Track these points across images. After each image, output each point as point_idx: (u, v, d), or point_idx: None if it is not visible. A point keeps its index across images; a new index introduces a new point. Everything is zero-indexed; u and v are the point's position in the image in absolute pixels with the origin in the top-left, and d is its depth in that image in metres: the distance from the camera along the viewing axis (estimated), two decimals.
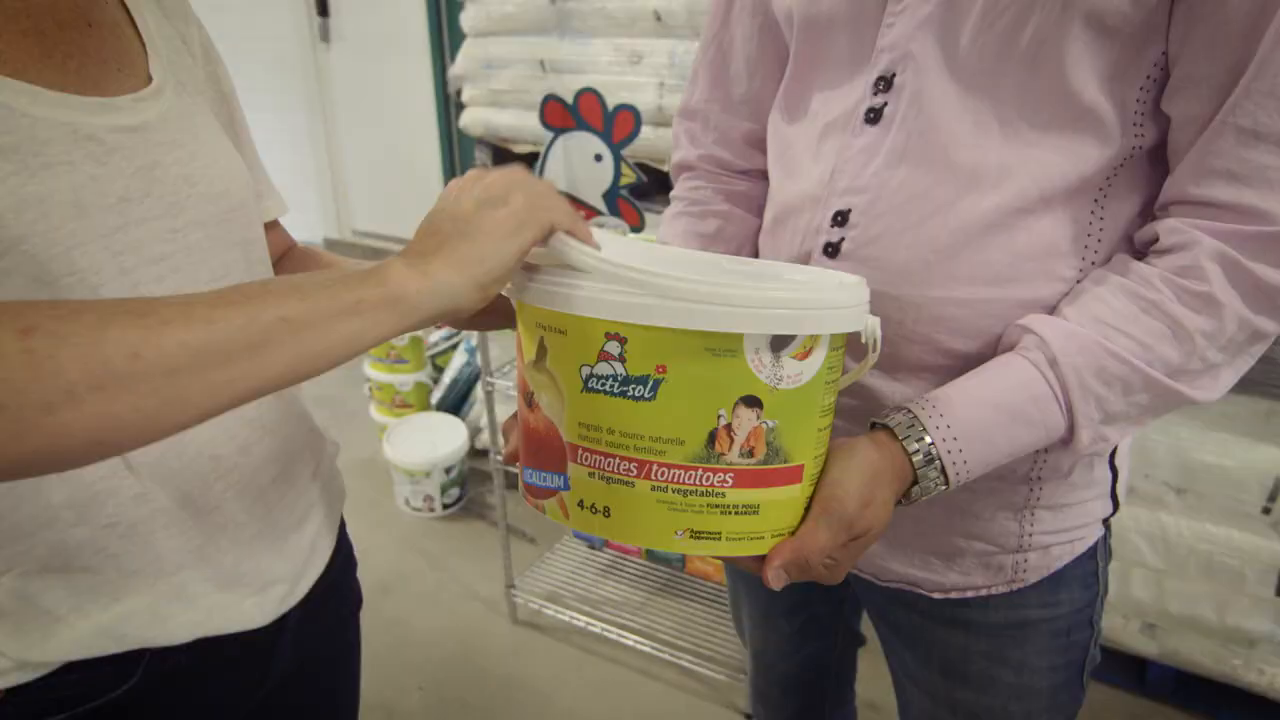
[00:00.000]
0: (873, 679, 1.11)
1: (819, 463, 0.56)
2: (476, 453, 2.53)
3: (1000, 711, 0.73)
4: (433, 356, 2.65)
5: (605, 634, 1.85)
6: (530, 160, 2.30)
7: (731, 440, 0.51)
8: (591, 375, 0.51)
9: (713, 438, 0.51)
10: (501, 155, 2.32)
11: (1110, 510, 0.72)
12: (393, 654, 1.86)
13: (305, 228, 4.40)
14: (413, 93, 3.75)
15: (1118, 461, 0.72)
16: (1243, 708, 1.66)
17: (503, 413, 2.23)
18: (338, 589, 0.80)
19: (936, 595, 0.72)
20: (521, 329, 0.56)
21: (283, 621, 0.69)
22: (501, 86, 2.14)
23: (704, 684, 1.77)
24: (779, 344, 0.50)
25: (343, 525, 0.83)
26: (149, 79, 0.60)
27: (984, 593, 0.71)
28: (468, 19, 2.14)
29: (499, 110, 2.20)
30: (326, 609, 0.77)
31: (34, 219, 0.50)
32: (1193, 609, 1.60)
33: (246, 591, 0.65)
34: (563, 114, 1.85)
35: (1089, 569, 0.72)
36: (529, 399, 0.56)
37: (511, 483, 2.35)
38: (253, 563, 0.65)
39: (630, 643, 1.82)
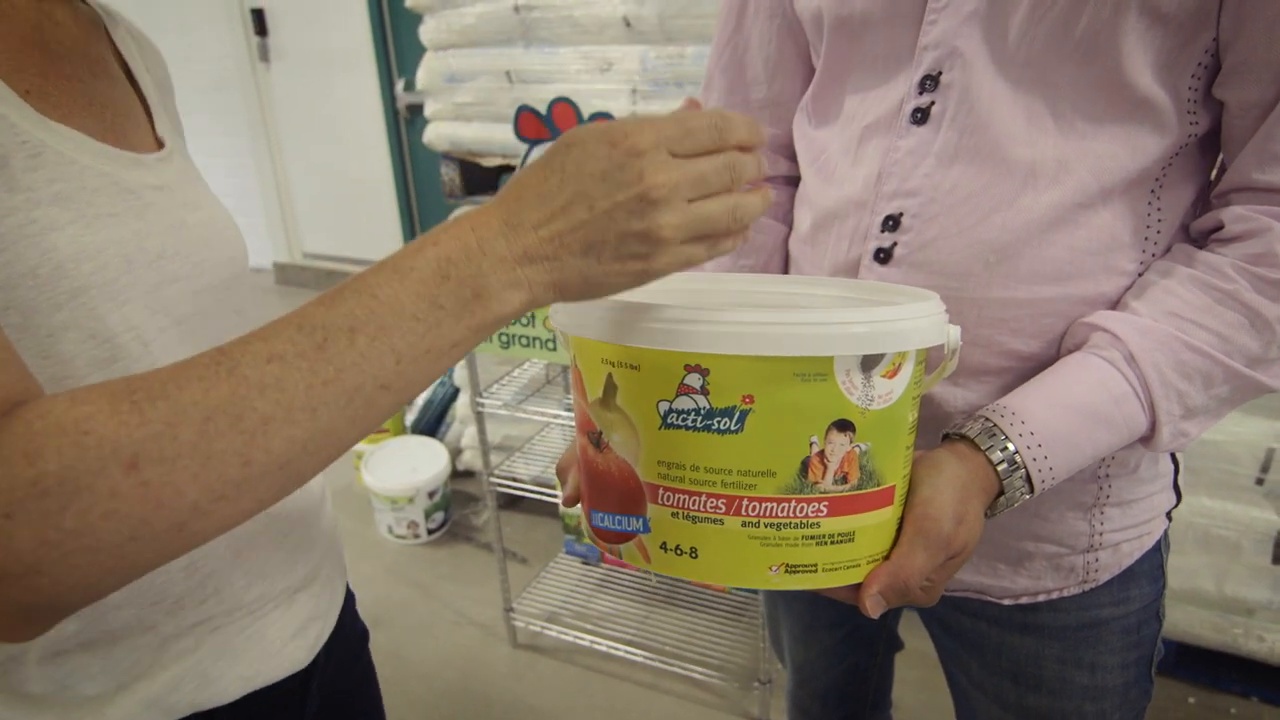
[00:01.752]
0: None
1: (906, 481, 0.54)
2: (458, 474, 2.47)
3: (1075, 714, 0.72)
4: None
5: (610, 651, 1.81)
6: (501, 173, 2.26)
7: (825, 468, 0.48)
8: (671, 410, 0.48)
9: (805, 467, 0.48)
10: (469, 169, 2.27)
11: (1174, 502, 0.72)
12: (392, 690, 1.79)
13: (254, 253, 4.25)
14: (360, 110, 3.67)
15: (1177, 452, 0.71)
16: (1244, 676, 1.69)
17: (492, 432, 2.18)
18: (345, 623, 0.78)
19: (1006, 601, 0.71)
20: (582, 365, 0.53)
21: (315, 661, 0.67)
22: (466, 99, 2.09)
23: (714, 694, 1.75)
24: (869, 364, 0.47)
25: None
26: (157, 140, 0.58)
27: (1055, 595, 0.70)
28: (427, 32, 2.09)
29: (464, 124, 2.15)
30: (343, 643, 0.75)
31: (92, 270, 0.47)
32: (1191, 582, 1.62)
33: (288, 635, 0.63)
34: (537, 125, 1.81)
35: (1155, 562, 0.71)
36: (596, 439, 0.53)
37: (504, 504, 2.30)
38: (290, 605, 0.64)
39: (636, 658, 1.78)
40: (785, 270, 0.80)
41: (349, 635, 0.80)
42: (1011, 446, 0.55)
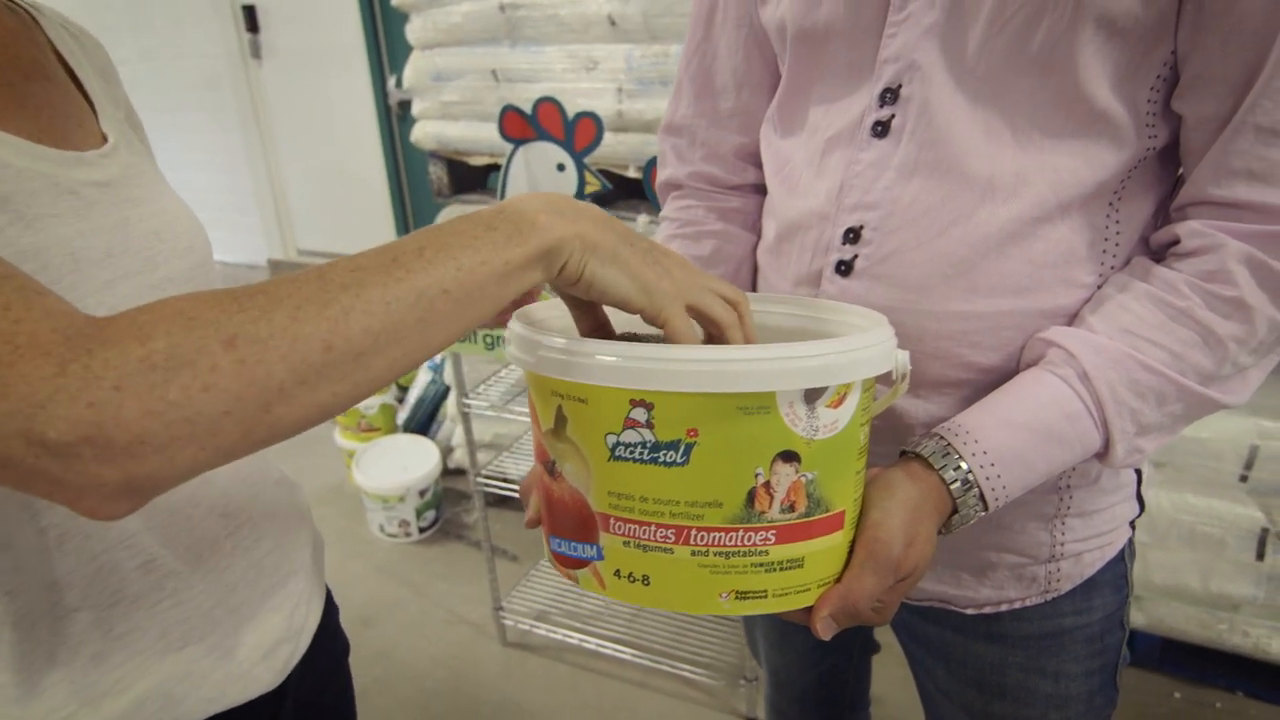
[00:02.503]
0: (875, 671, 1.10)
1: (858, 505, 0.54)
2: (449, 472, 2.48)
3: None
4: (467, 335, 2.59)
5: (599, 649, 1.82)
6: (488, 171, 2.25)
7: (771, 498, 0.49)
8: (619, 444, 0.48)
9: (752, 497, 0.48)
10: (456, 168, 2.26)
11: (1137, 511, 0.72)
12: (383, 689, 1.82)
13: (249, 250, 4.27)
14: (352, 106, 3.65)
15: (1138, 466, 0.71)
16: (1229, 670, 1.70)
17: (479, 432, 2.19)
18: (326, 637, 0.78)
19: (970, 611, 0.71)
20: (535, 396, 0.53)
21: (287, 680, 0.67)
22: (453, 98, 2.08)
23: (703, 691, 1.76)
24: (812, 396, 0.48)
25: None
26: (102, 136, 0.58)
27: (1018, 605, 0.70)
28: (413, 31, 2.08)
29: (451, 123, 2.14)
30: (320, 659, 0.75)
31: (34, 270, 0.47)
32: (1177, 578, 1.63)
33: (256, 656, 0.63)
34: (522, 124, 1.81)
35: (1119, 571, 0.72)
36: (550, 468, 0.53)
37: (492, 502, 2.31)
38: (258, 624, 0.64)
39: (625, 656, 1.80)
40: (754, 279, 0.80)
41: (330, 649, 0.80)
42: (965, 465, 0.56)
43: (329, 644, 0.79)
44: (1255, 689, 1.68)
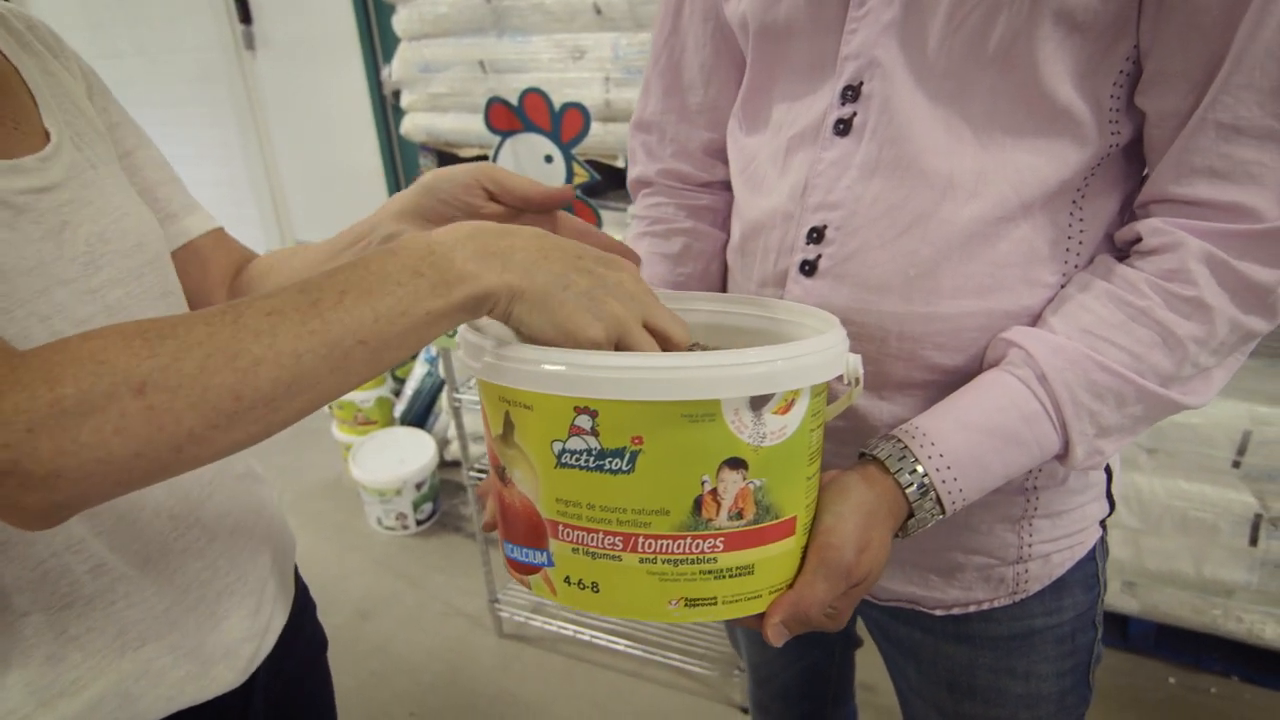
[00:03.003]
0: (864, 659, 1.09)
1: (811, 510, 0.54)
2: (446, 464, 2.49)
3: None
4: (392, 370, 2.59)
5: (594, 641, 1.83)
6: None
7: (718, 505, 0.48)
8: (564, 451, 0.48)
9: (698, 504, 0.48)
10: (446, 160, 2.25)
11: (1107, 511, 0.72)
12: (380, 682, 1.83)
13: (247, 242, 4.24)
14: (347, 97, 3.64)
15: (1111, 462, 0.71)
16: (1224, 655, 1.70)
17: (470, 424, 2.19)
18: (300, 635, 0.79)
19: (939, 612, 0.71)
20: (485, 402, 0.53)
21: (253, 678, 0.67)
22: (441, 90, 2.07)
23: (698, 681, 1.77)
24: (759, 403, 0.47)
25: (295, 568, 0.82)
26: (45, 134, 0.57)
27: (986, 606, 0.70)
28: (400, 22, 2.07)
29: (440, 114, 2.13)
30: (292, 657, 0.76)
31: None
32: (1170, 564, 1.62)
33: (216, 655, 0.63)
34: (508, 116, 1.79)
35: (1089, 571, 0.71)
36: (501, 473, 0.53)
37: None
38: (218, 623, 0.64)
39: (619, 647, 1.80)
40: (724, 278, 0.79)
41: (306, 645, 0.80)
42: (921, 469, 0.55)
43: (303, 640, 0.79)
44: (1250, 673, 1.68)
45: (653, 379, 0.45)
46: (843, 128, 0.61)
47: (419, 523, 2.31)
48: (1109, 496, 0.71)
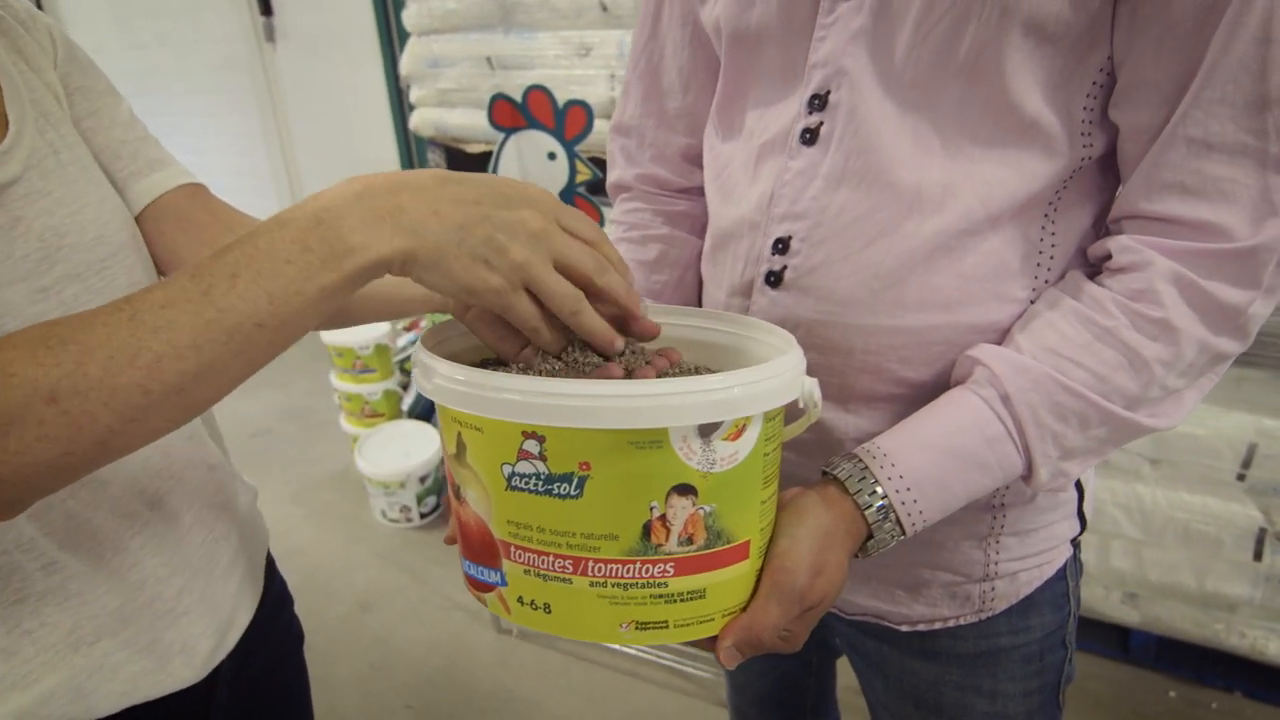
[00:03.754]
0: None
1: (766, 533, 0.53)
2: None
3: None
4: (400, 362, 2.61)
5: None
6: (486, 158, 2.24)
7: (668, 530, 0.48)
8: (514, 474, 0.48)
9: (648, 530, 0.48)
10: (454, 156, 2.26)
11: (1078, 530, 0.71)
12: (378, 673, 1.85)
13: None
14: (364, 89, 3.66)
15: (1083, 479, 0.70)
16: (1226, 670, 1.68)
17: None
18: (273, 629, 0.79)
19: (904, 628, 0.71)
20: (440, 421, 0.53)
21: (215, 674, 0.67)
22: (449, 85, 2.08)
23: (693, 683, 1.77)
24: (707, 430, 0.47)
25: (272, 563, 0.82)
26: (5, 120, 0.56)
27: (952, 623, 0.69)
28: (410, 17, 2.07)
29: (449, 110, 2.14)
30: (264, 651, 0.76)
31: None
32: (1172, 577, 1.60)
33: (172, 651, 0.63)
34: (512, 113, 1.79)
35: (1059, 590, 0.71)
36: (457, 492, 0.53)
37: None
38: (175, 620, 0.64)
39: (616, 646, 1.81)
40: (699, 286, 0.79)
41: (280, 639, 0.80)
42: (881, 491, 0.55)
43: (276, 633, 0.79)
44: (1253, 689, 1.66)
45: (598, 407, 0.45)
46: (809, 137, 0.60)
47: (422, 516, 2.33)
48: (1080, 515, 0.70)
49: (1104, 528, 1.63)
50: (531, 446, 0.47)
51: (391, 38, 3.50)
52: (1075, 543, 0.71)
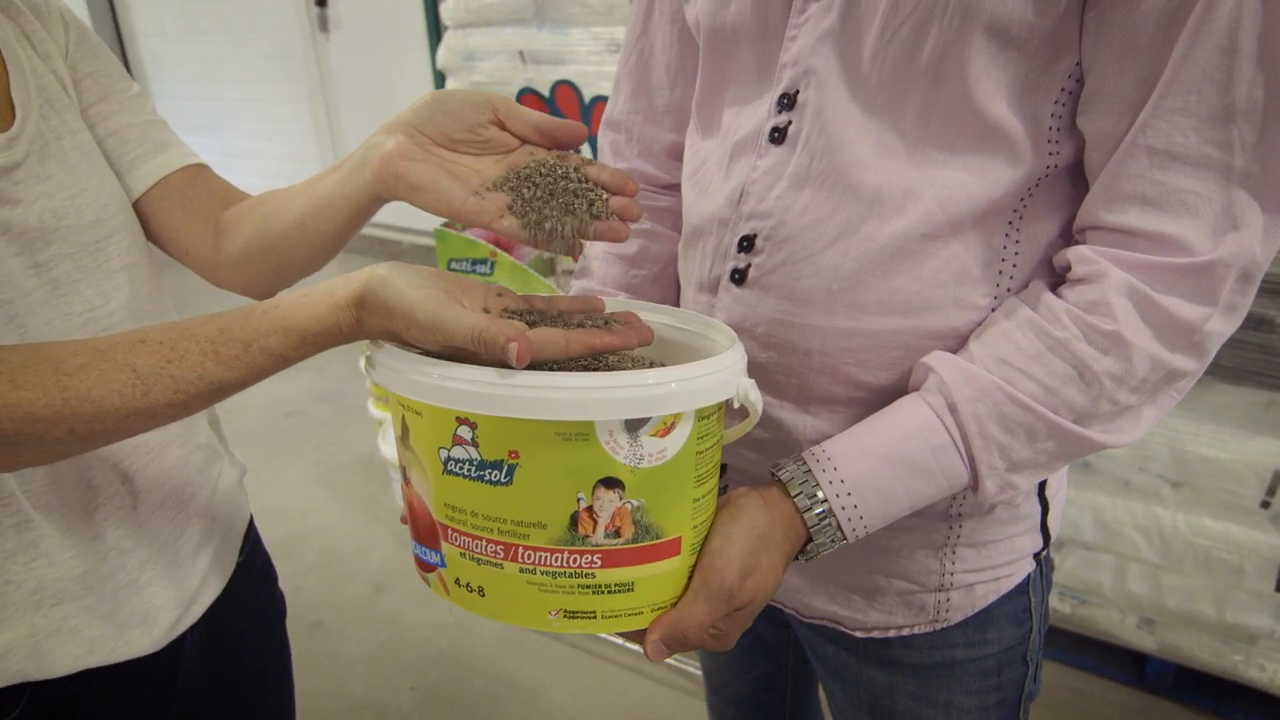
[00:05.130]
0: None
1: (701, 530, 0.54)
2: None
3: None
4: None
5: None
6: None
7: (595, 522, 0.49)
8: (449, 459, 0.49)
9: (575, 520, 0.49)
10: None
11: (1041, 545, 0.69)
12: (387, 653, 1.89)
13: None
14: (412, 80, 3.73)
15: (1049, 493, 0.68)
16: (1245, 704, 1.62)
17: None
18: (254, 604, 0.81)
19: (859, 634, 0.70)
20: (391, 402, 0.54)
21: (179, 645, 0.69)
22: (483, 79, 2.10)
23: (693, 681, 1.77)
24: (634, 425, 0.48)
25: (256, 539, 0.83)
26: (11, 106, 0.59)
27: (906, 632, 0.69)
28: (447, 10, 2.11)
29: None
30: (242, 623, 0.78)
31: None
32: (1191, 604, 1.56)
33: (132, 621, 0.65)
34: (539, 107, 1.81)
35: (1020, 605, 0.69)
36: (404, 473, 0.55)
37: None
38: (138, 591, 0.65)
39: (619, 640, 1.82)
40: (679, 281, 0.79)
41: (260, 615, 0.82)
42: (821, 495, 0.55)
43: (257, 610, 0.81)
44: None
45: (526, 397, 0.46)
46: (778, 136, 0.60)
47: None
48: (1044, 530, 0.69)
49: (1122, 550, 1.58)
50: (465, 433, 0.48)
51: (439, 29, 3.56)
52: (1039, 558, 0.70)
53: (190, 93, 4.98)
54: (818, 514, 0.55)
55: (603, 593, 0.51)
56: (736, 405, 0.51)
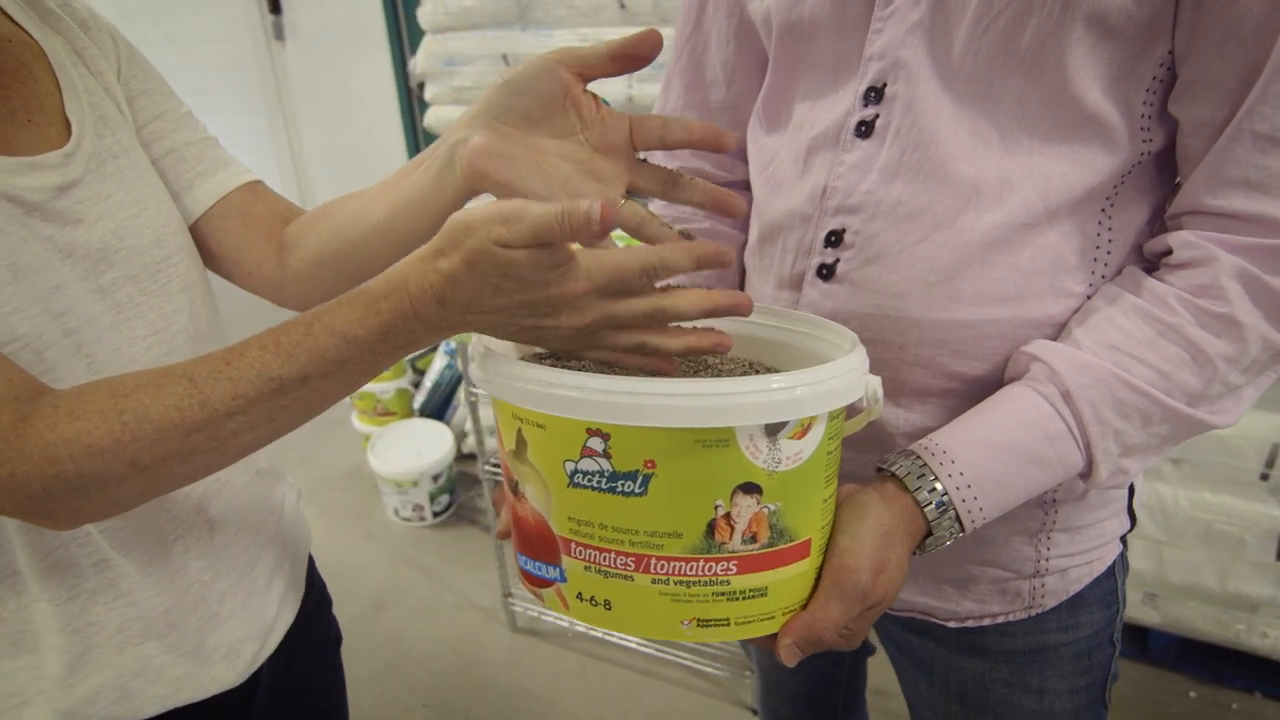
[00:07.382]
0: (876, 664, 1.09)
1: (826, 531, 0.53)
2: (463, 457, 2.49)
3: None
4: (412, 361, 2.61)
5: (606, 637, 1.83)
6: None
7: (732, 529, 0.48)
8: (577, 471, 0.48)
9: (712, 528, 0.47)
10: None
11: (1128, 526, 0.70)
12: (393, 672, 1.84)
13: None
14: (373, 88, 3.66)
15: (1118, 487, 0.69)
16: (1247, 671, 1.67)
17: (486, 417, 2.19)
18: (313, 632, 0.79)
19: (952, 624, 0.70)
20: (498, 417, 0.52)
21: (256, 676, 0.67)
22: (465, 83, 2.07)
23: (709, 682, 1.77)
24: (774, 429, 0.46)
25: (312, 564, 0.82)
26: (66, 122, 0.57)
27: (1001, 620, 0.69)
28: (425, 15, 2.07)
29: (464, 108, 2.13)
30: (303, 653, 0.76)
31: None
32: (1194, 577, 1.60)
33: (216, 655, 0.63)
34: None
35: (1108, 588, 0.70)
36: (514, 487, 0.53)
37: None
38: (219, 624, 0.64)
39: (632, 644, 1.81)
40: (741, 282, 0.78)
41: (319, 642, 0.80)
42: (940, 488, 0.54)
43: (315, 637, 0.79)
44: (1273, 690, 1.65)
45: (666, 406, 0.44)
46: (865, 130, 0.60)
47: (435, 514, 2.32)
48: (1130, 512, 0.70)
49: None
50: (596, 444, 0.47)
51: (401, 35, 3.50)
52: (1124, 540, 0.71)
53: None
54: (936, 507, 0.54)
55: (737, 599, 0.49)
56: (864, 404, 0.51)
